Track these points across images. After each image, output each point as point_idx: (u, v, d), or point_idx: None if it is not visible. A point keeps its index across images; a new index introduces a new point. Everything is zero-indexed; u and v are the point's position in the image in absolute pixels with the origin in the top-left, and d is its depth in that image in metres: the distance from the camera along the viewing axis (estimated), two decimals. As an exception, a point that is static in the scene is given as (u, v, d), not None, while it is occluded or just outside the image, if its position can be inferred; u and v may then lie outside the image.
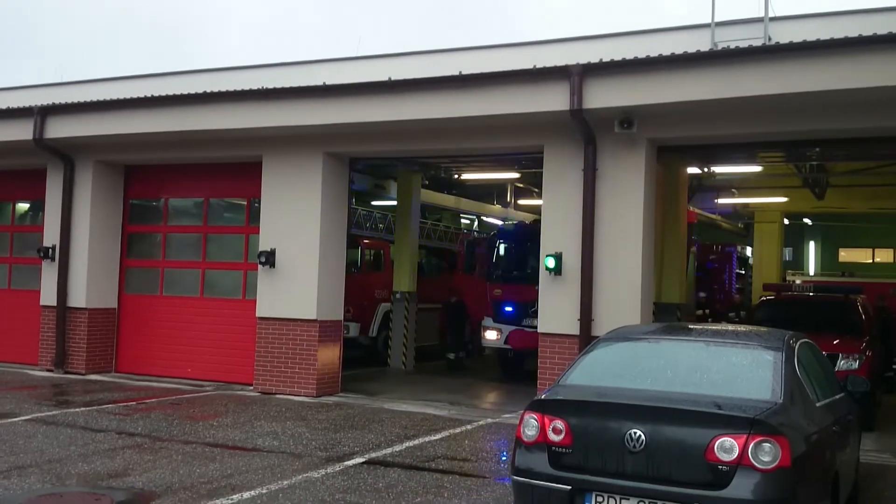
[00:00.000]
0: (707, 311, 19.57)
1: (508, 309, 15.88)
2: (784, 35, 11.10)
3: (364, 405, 12.17)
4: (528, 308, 14.69)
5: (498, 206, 24.68)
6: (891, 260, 32.23)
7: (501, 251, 16.92)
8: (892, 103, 9.58)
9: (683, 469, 4.98)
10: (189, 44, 74.26)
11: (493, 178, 19.49)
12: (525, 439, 5.56)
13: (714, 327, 7.09)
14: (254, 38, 75.47)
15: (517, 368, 16.30)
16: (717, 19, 12.43)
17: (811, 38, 9.43)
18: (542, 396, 5.79)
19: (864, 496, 7.68)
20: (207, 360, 14.14)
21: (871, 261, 32.63)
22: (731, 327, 7.19)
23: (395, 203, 18.50)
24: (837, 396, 6.62)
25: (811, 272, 29.84)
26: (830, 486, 5.52)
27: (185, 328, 14.45)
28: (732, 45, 10.37)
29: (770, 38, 12.13)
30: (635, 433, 5.10)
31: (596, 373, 6.05)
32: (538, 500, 5.41)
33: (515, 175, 17.83)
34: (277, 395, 12.73)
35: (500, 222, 23.15)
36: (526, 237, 15.95)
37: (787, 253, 30.70)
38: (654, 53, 10.21)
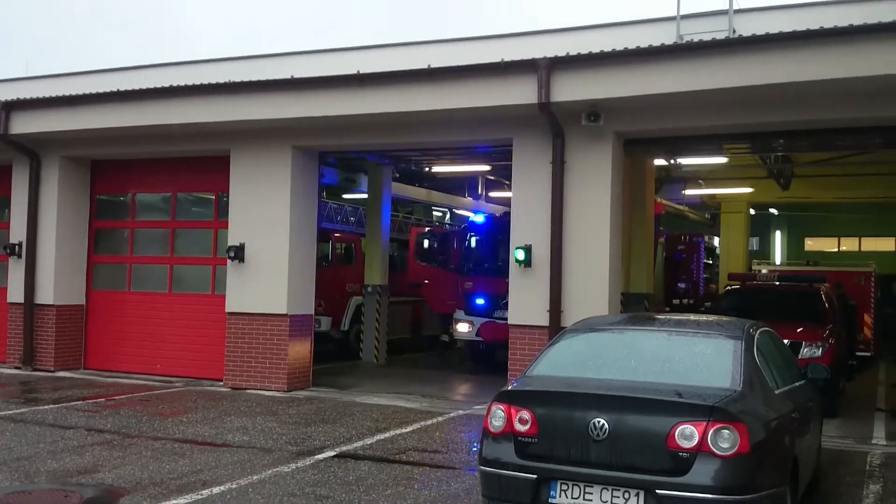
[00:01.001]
0: (689, 300, 19.76)
1: (480, 301, 15.96)
2: (750, 27, 11.22)
3: (335, 399, 12.19)
4: (500, 300, 14.77)
5: (469, 199, 24.76)
6: (856, 249, 32.77)
7: (472, 244, 16.99)
8: (853, 94, 9.75)
9: (645, 456, 5.08)
10: (165, 39, 73.31)
11: (463, 171, 19.56)
12: (492, 430, 5.63)
13: (677, 317, 7.21)
14: (230, 33, 74.69)
15: (489, 360, 16.39)
16: (682, 12, 12.53)
17: (776, 30, 9.56)
18: (509, 388, 5.87)
19: (825, 481, 7.85)
20: (177, 355, 14.06)
21: (836, 250, 33.17)
22: (693, 317, 7.31)
23: (366, 196, 18.48)
24: (797, 384, 6.76)
25: (778, 261, 30.28)
26: (790, 472, 5.64)
27: (154, 324, 14.35)
28: (697, 38, 10.49)
29: (735, 31, 12.24)
30: (599, 422, 5.19)
31: (562, 363, 6.15)
32: (504, 489, 5.48)
33: (486, 167, 17.91)
34: (248, 391, 12.71)
35: (471, 214, 23.24)
36: (496, 229, 16.04)
37: (755, 242, 31.14)
38: (620, 46, 10.29)
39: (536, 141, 11.34)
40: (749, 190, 21.73)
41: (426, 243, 18.84)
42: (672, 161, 15.24)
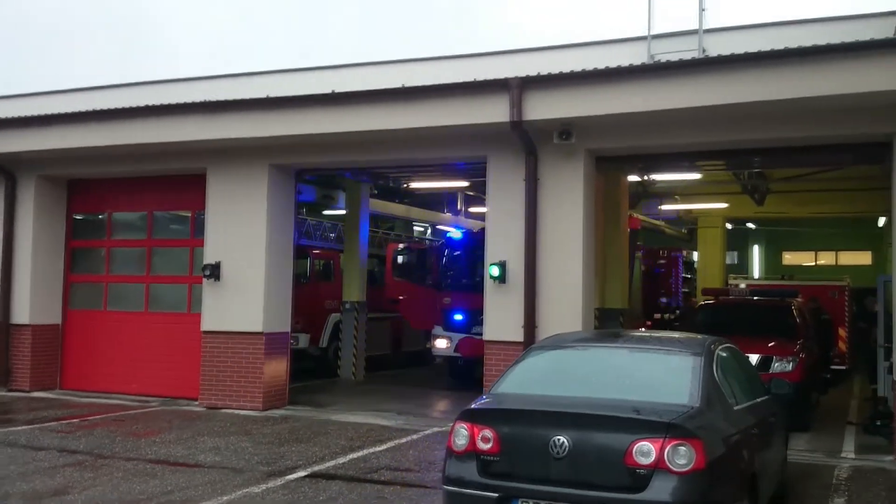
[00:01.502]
0: (670, 315, 19.84)
1: (457, 317, 16.01)
2: (721, 47, 11.42)
3: (311, 417, 12.18)
4: (477, 316, 14.81)
5: (448, 214, 24.80)
6: (833, 262, 33.05)
7: (450, 260, 17.04)
8: (822, 112, 9.88)
9: (604, 473, 5.14)
10: (142, 57, 73.00)
11: (441, 187, 19.61)
12: (456, 449, 5.67)
13: (640, 334, 7.30)
14: (213, 49, 74.44)
15: (468, 376, 16.39)
16: (653, 32, 12.74)
17: (744, 50, 9.73)
18: (472, 406, 5.92)
19: (792, 494, 7.94)
20: (153, 375, 13.99)
21: (814, 263, 33.44)
22: (658, 334, 7.40)
23: (345, 213, 18.52)
24: (759, 399, 6.85)
25: (756, 275, 30.48)
26: (748, 487, 5.71)
27: (131, 343, 14.29)
28: (668, 58, 10.65)
29: (705, 51, 12.48)
30: (559, 440, 5.25)
31: (526, 381, 6.20)
32: (467, 508, 5.52)
33: (465, 183, 17.97)
34: (223, 410, 12.67)
35: (451, 230, 23.28)
36: (474, 245, 16.10)
37: (733, 257, 31.33)
38: (591, 66, 10.44)
39: (510, 158, 11.45)
40: (724, 205, 21.90)
41: (402, 259, 18.82)
42: (645, 177, 15.38)
